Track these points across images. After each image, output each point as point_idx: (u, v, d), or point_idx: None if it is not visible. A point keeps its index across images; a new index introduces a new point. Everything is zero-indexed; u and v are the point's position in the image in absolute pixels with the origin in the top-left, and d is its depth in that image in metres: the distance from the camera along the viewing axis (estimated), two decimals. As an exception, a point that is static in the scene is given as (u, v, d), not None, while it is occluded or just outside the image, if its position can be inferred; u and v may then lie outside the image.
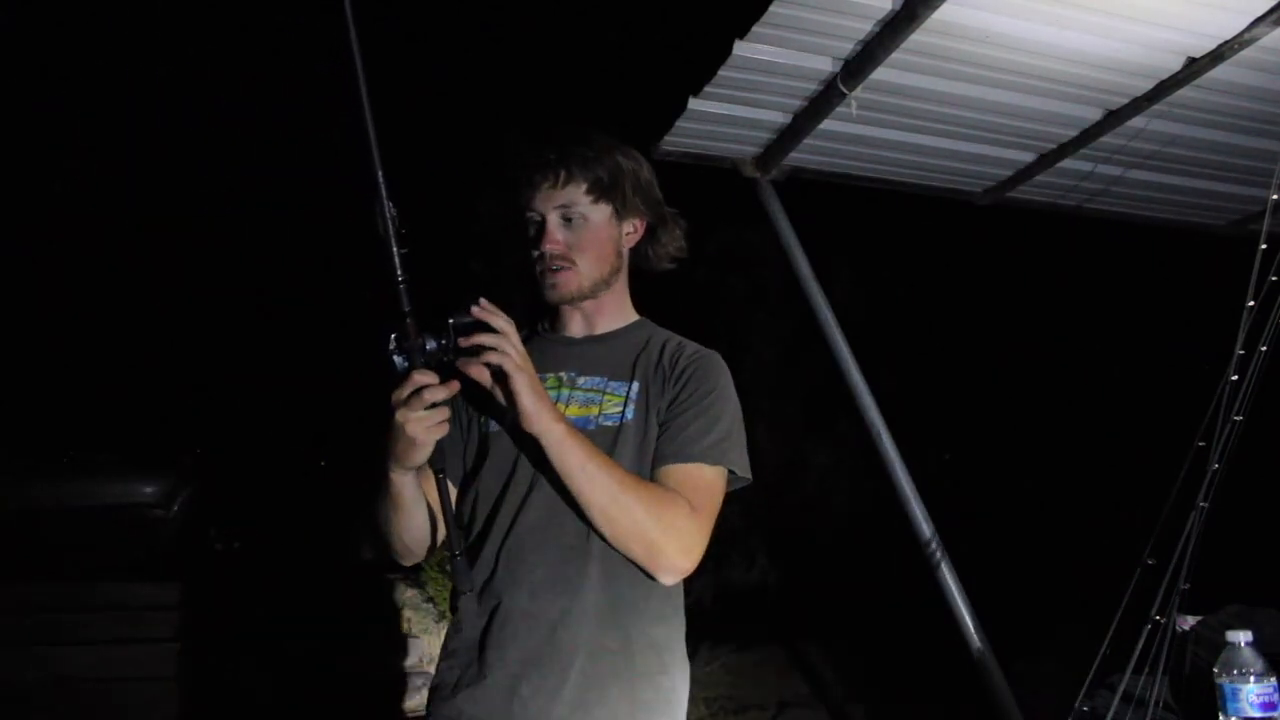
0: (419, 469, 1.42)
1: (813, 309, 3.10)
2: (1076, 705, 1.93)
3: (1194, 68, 2.31)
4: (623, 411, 1.52)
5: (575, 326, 1.64)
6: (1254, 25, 2.14)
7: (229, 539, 7.26)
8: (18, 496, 6.64)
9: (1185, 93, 2.44)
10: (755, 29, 2.25)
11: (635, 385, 1.54)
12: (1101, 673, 1.88)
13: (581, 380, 1.56)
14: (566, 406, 1.52)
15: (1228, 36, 2.19)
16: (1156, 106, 2.52)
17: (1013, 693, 2.91)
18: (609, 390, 1.55)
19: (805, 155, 2.92)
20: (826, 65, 2.41)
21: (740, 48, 2.33)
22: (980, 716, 3.02)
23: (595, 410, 1.53)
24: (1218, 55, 2.25)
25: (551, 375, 1.57)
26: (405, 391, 1.31)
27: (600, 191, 1.58)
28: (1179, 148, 2.78)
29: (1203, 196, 3.20)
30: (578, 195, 1.56)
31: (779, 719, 5.09)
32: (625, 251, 1.64)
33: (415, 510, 1.49)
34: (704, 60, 2.45)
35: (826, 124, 2.65)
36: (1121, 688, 1.79)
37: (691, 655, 1.56)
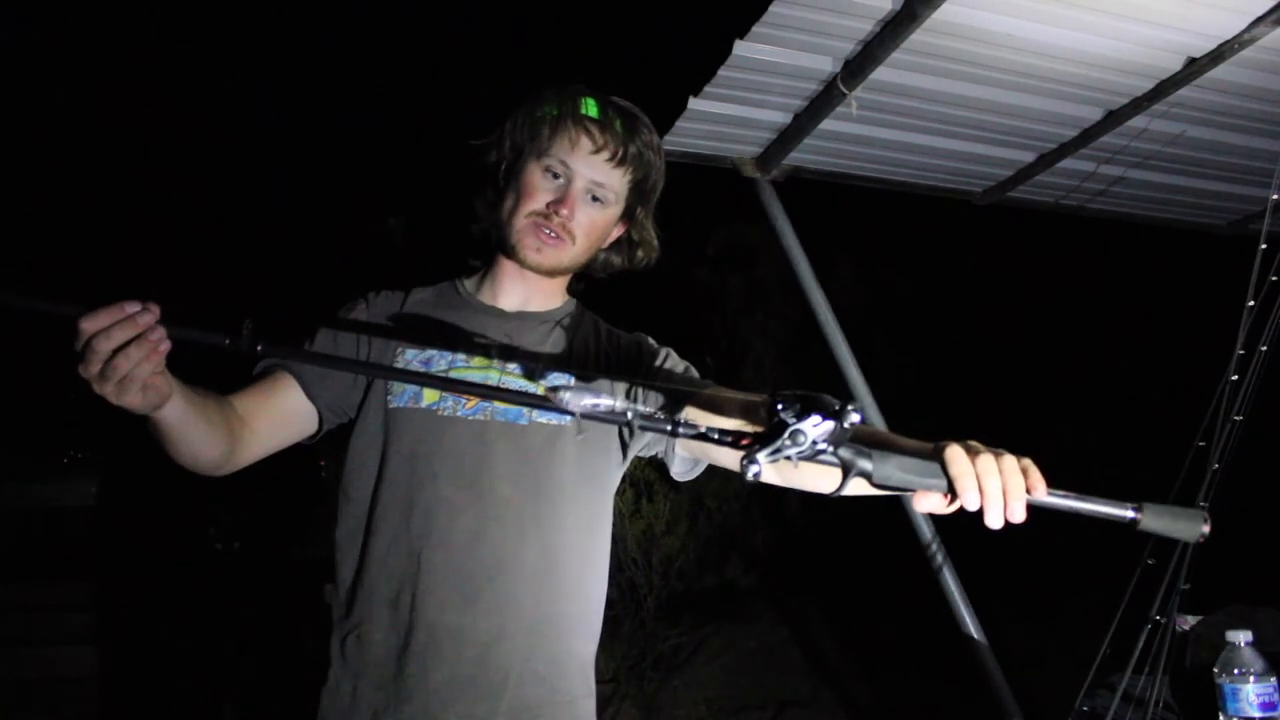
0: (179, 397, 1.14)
1: (812, 308, 3.10)
2: (1076, 705, 1.94)
3: (1194, 68, 2.31)
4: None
5: (511, 298, 1.49)
6: (1254, 25, 2.13)
7: (229, 539, 7.26)
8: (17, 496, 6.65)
9: (1185, 93, 2.44)
10: (755, 29, 2.25)
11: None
12: (1101, 673, 1.88)
13: (511, 366, 1.40)
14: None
15: (1228, 36, 2.19)
16: (1157, 106, 2.51)
17: (1013, 692, 2.92)
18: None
19: (805, 155, 2.92)
20: (827, 65, 2.41)
21: (740, 48, 2.32)
22: (979, 715, 3.03)
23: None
24: (1218, 55, 2.24)
25: (480, 355, 1.40)
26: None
27: (636, 192, 1.47)
28: (1179, 148, 2.78)
29: (1203, 196, 3.20)
30: (619, 182, 1.44)
31: (779, 719, 5.09)
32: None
33: (196, 424, 1.20)
34: (704, 60, 2.45)
35: (827, 124, 2.65)
36: (1121, 688, 1.79)
37: (692, 655, 1.56)
